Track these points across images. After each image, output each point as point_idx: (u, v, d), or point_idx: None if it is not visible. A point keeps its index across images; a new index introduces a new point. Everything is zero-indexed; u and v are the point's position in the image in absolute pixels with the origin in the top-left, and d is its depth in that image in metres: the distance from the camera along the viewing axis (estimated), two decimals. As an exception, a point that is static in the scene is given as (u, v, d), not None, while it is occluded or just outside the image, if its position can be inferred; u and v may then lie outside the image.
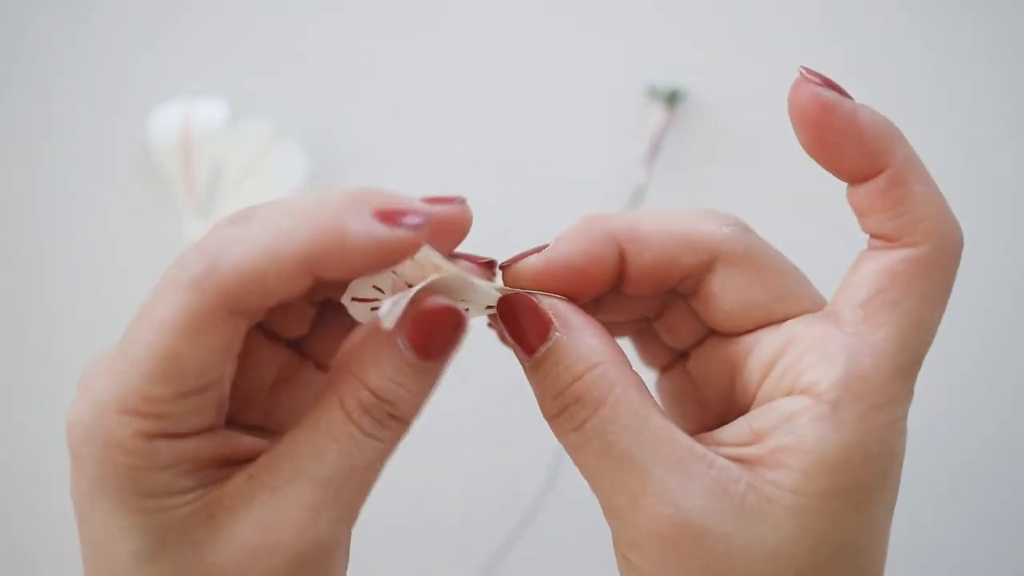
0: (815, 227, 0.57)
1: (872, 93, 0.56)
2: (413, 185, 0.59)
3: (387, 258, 0.21)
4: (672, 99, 0.56)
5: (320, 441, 0.22)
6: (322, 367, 0.28)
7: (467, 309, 0.24)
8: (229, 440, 0.23)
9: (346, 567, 0.23)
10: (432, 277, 0.23)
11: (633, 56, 0.58)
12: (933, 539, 0.60)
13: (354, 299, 0.25)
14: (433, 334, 0.22)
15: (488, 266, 0.25)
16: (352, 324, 0.26)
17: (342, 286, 0.23)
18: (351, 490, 0.22)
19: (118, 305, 0.49)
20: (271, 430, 0.26)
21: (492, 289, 0.24)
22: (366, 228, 0.20)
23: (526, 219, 0.59)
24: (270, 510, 0.21)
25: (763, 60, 0.56)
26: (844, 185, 0.23)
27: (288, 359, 0.27)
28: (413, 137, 0.59)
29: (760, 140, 0.57)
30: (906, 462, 0.22)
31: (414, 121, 0.59)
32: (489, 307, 0.25)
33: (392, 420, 0.22)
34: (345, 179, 0.59)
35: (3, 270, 0.60)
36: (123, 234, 0.59)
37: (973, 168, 0.56)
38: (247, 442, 0.23)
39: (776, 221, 0.59)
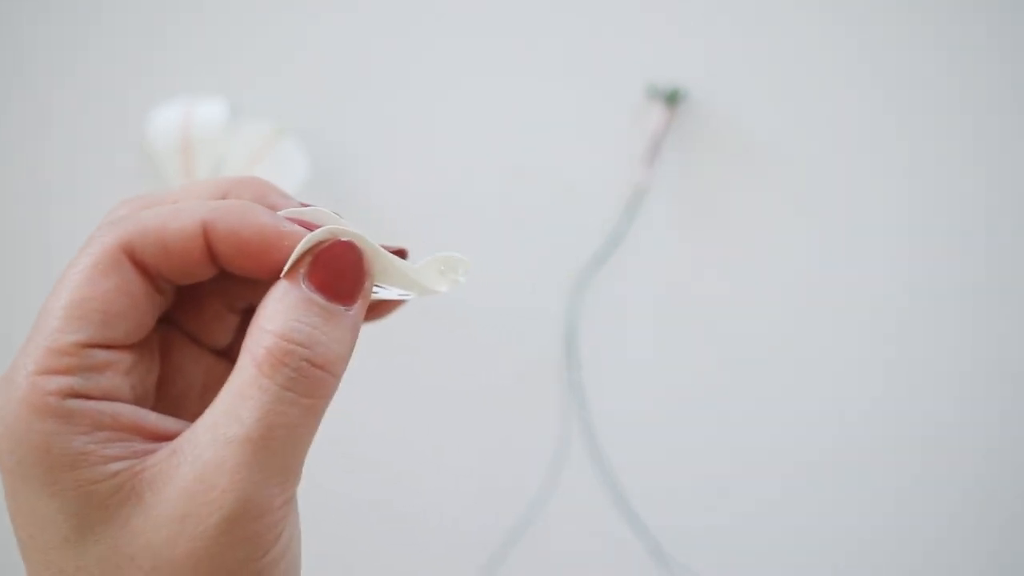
0: (815, 227, 0.57)
1: (873, 92, 0.56)
2: (413, 184, 0.59)
3: (278, 238, 0.22)
4: (672, 99, 0.56)
5: (235, 403, 0.21)
6: None
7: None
8: (154, 418, 0.22)
9: (293, 538, 0.22)
10: (332, 226, 0.23)
11: (633, 56, 0.58)
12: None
13: None
14: (334, 271, 0.22)
15: (399, 253, 0.25)
16: None
17: (260, 291, 0.23)
18: (275, 451, 0.21)
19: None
20: None
21: (410, 270, 0.24)
22: (270, 215, 0.23)
23: (525, 219, 0.59)
24: (193, 478, 0.20)
25: (764, 60, 0.56)
26: (845, 187, 0.23)
27: (214, 364, 0.26)
28: (412, 137, 0.59)
29: (761, 140, 0.57)
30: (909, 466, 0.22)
31: (413, 121, 0.59)
32: (403, 293, 0.25)
33: (312, 368, 0.21)
34: (345, 179, 0.59)
35: (3, 270, 0.60)
36: (123, 234, 0.59)
37: (979, 169, 0.56)
38: (176, 424, 0.22)
39: (776, 221, 0.60)
